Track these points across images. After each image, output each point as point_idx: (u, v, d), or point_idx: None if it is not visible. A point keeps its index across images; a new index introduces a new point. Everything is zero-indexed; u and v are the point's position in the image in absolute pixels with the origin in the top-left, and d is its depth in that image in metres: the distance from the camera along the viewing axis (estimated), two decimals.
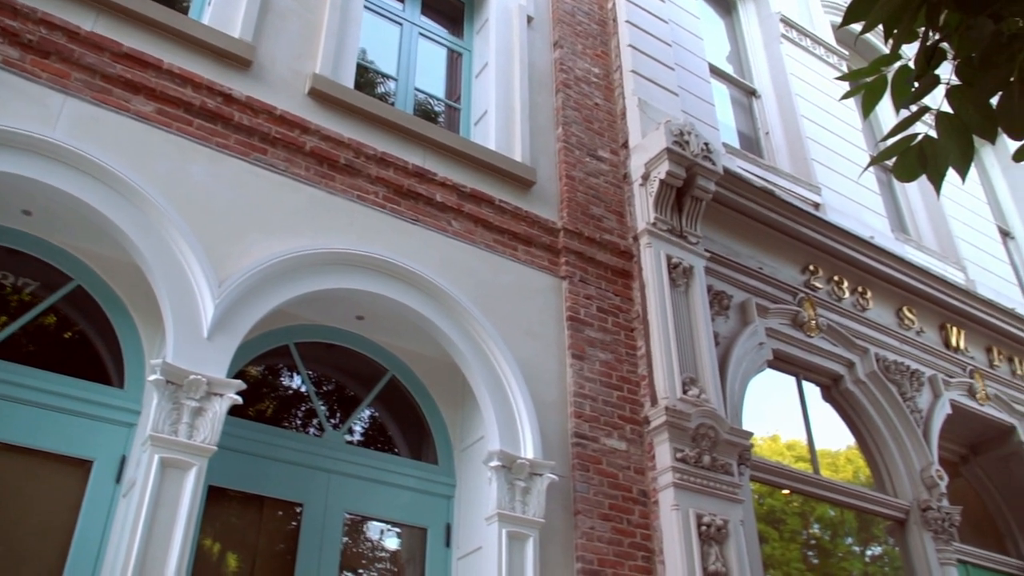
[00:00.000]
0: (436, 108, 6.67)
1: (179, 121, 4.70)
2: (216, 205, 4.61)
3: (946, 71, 2.66)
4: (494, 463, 4.75)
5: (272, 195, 4.86)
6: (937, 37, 2.61)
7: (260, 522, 4.61)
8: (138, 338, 4.54)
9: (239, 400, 4.09)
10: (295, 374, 5.17)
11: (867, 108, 2.81)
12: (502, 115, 6.31)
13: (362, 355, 5.32)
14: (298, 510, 4.67)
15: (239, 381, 4.13)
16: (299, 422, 5.08)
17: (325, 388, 5.33)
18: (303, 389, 5.14)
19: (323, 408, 5.13)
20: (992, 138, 2.54)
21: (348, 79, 5.65)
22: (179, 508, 3.74)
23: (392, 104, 6.14)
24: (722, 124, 8.08)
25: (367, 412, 5.33)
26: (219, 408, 4.01)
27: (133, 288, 4.53)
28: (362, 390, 5.35)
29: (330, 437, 4.98)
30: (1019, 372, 8.51)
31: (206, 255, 4.37)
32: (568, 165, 6.33)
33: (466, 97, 6.72)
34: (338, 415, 5.21)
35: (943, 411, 7.45)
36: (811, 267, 7.21)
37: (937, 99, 2.72)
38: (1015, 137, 2.46)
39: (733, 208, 6.78)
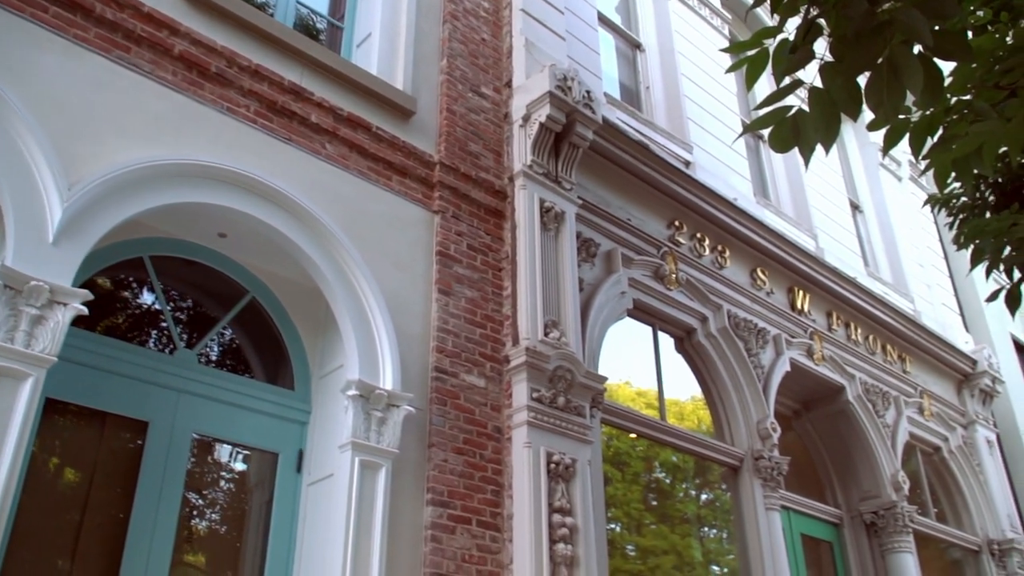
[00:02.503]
0: (318, 25, 6.41)
1: (32, 6, 4.32)
2: (70, 102, 4.30)
3: (823, 48, 2.76)
4: (352, 392, 4.73)
5: (134, 98, 4.57)
6: (816, 12, 2.70)
7: (101, 439, 4.44)
8: None
9: (84, 311, 3.88)
10: (149, 288, 4.94)
11: (750, 81, 2.89)
12: (386, 40, 6.13)
13: (222, 274, 5.14)
14: (143, 428, 4.51)
15: (85, 291, 3.91)
16: (150, 339, 4.88)
17: (180, 305, 5.13)
18: (156, 305, 4.93)
19: (176, 325, 4.95)
20: (855, 115, 2.66)
21: None
22: (11, 420, 3.54)
23: (271, 15, 5.86)
24: (605, 74, 8.14)
25: (223, 333, 5.18)
26: (62, 318, 3.80)
27: None
28: (220, 310, 5.18)
29: (182, 356, 4.82)
30: (853, 337, 9.14)
31: (56, 155, 4.08)
32: (450, 99, 6.24)
33: (350, 17, 6.49)
34: (193, 334, 5.04)
35: (783, 368, 7.93)
36: (677, 223, 7.45)
37: (813, 75, 2.82)
38: (879, 116, 2.59)
39: (608, 158, 6.88)
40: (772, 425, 7.33)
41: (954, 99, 3.55)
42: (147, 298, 4.96)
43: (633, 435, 6.81)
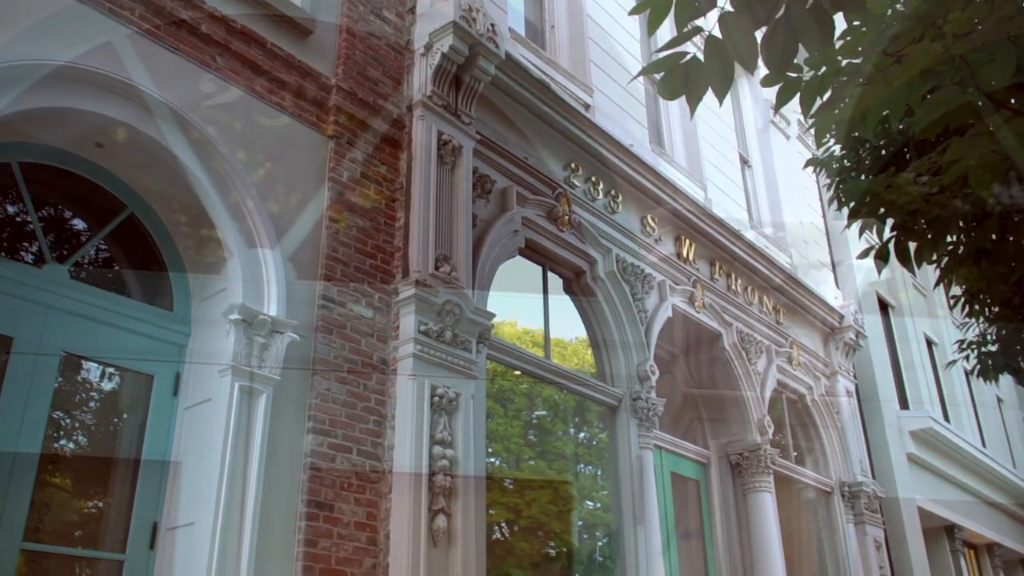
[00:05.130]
0: None
1: None
2: None
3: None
4: (234, 316, 4.62)
5: None
6: None
7: None
8: None
9: None
10: (17, 197, 4.65)
11: (652, 25, 2.89)
12: None
13: (98, 186, 4.87)
14: (7, 344, 4.28)
15: None
16: (17, 251, 4.60)
17: (51, 216, 4.85)
18: (25, 216, 4.64)
19: (46, 237, 4.68)
20: (752, 68, 2.71)
21: None
22: None
23: None
24: (511, 8, 8.04)
25: (98, 248, 4.93)
26: None
27: None
28: (95, 224, 4.93)
29: (52, 270, 4.57)
30: (733, 287, 9.49)
31: None
32: (350, 20, 6.04)
33: None
34: (65, 248, 4.78)
35: (665, 314, 8.17)
36: (573, 165, 7.49)
37: (713, 24, 2.85)
38: (772, 70, 2.65)
39: (509, 95, 6.83)
40: (651, 367, 7.58)
41: (844, 62, 3.66)
42: (14, 207, 4.66)
43: (517, 372, 6.91)
